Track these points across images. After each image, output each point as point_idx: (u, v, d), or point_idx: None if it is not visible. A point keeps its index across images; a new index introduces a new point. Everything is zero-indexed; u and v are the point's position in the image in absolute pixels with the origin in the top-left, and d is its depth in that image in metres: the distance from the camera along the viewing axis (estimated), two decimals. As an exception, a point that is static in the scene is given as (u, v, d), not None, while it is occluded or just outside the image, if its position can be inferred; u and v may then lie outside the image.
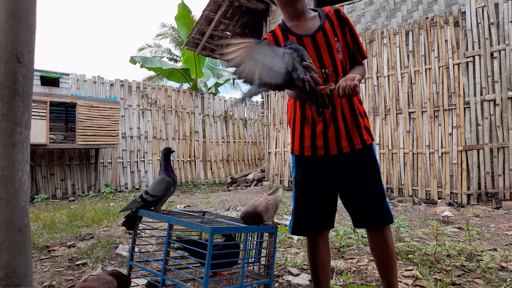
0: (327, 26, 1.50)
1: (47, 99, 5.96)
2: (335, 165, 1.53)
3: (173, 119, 8.83)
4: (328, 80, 1.48)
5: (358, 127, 1.52)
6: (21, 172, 1.75)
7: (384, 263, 1.57)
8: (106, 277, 1.53)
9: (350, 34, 1.54)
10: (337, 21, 1.52)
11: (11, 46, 1.74)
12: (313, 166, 1.56)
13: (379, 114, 6.27)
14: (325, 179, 1.56)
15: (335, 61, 1.49)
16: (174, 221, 1.61)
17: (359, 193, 1.52)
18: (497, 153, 5.02)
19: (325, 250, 1.63)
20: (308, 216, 1.58)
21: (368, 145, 1.54)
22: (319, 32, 1.49)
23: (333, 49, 1.49)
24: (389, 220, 1.52)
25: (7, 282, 1.67)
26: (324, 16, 1.52)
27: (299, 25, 1.52)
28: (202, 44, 8.71)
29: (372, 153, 1.55)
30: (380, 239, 1.54)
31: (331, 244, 2.91)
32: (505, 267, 2.40)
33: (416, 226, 3.79)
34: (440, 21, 5.59)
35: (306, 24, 1.52)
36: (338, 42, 1.50)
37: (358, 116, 1.53)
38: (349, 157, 1.52)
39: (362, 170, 1.52)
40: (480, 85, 5.20)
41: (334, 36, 1.50)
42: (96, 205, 5.47)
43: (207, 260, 1.40)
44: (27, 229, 1.78)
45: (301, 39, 1.49)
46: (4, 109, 1.73)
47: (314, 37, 1.49)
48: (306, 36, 1.50)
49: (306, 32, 1.50)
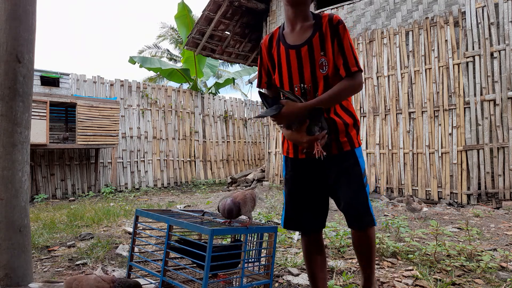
0: (315, 39, 1.48)
1: (47, 99, 5.96)
2: (318, 167, 1.57)
3: (173, 119, 8.83)
4: (306, 95, 1.51)
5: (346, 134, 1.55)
6: (21, 172, 1.75)
7: (365, 259, 1.64)
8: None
9: (338, 45, 1.47)
10: (329, 33, 1.47)
11: (11, 46, 1.74)
12: (299, 167, 1.62)
13: (379, 114, 6.27)
14: (310, 180, 1.60)
15: (315, 77, 1.49)
16: (173, 222, 1.61)
17: (342, 195, 1.55)
18: (497, 153, 5.02)
19: (318, 250, 1.68)
20: (296, 213, 1.64)
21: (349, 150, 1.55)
22: (305, 46, 1.49)
23: (315, 64, 1.48)
24: (370, 223, 1.54)
25: (7, 282, 1.67)
26: (318, 27, 1.49)
27: (292, 34, 1.53)
28: (202, 44, 8.71)
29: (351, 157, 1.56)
30: (362, 238, 1.59)
31: (331, 244, 2.91)
32: (505, 267, 2.40)
33: (416, 226, 3.79)
34: (440, 21, 5.59)
35: (298, 35, 1.51)
36: (324, 57, 1.48)
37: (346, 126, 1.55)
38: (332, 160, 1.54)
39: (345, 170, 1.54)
40: (480, 85, 5.20)
41: (321, 50, 1.48)
42: (96, 205, 5.47)
43: (206, 262, 1.39)
44: (27, 229, 1.78)
45: (287, 50, 1.52)
46: (4, 109, 1.73)
47: (299, 51, 1.49)
48: (292, 48, 1.51)
49: (294, 43, 1.51)
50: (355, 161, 1.56)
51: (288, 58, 1.51)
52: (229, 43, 9.04)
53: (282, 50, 1.53)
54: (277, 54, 1.56)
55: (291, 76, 1.53)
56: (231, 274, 1.75)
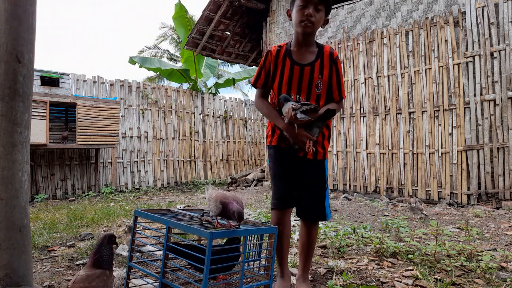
0: (316, 64, 1.85)
1: (47, 99, 5.95)
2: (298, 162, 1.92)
3: (173, 119, 8.83)
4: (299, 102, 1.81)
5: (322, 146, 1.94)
6: (21, 172, 1.75)
7: (306, 248, 1.98)
8: (95, 272, 1.44)
9: (336, 75, 1.90)
10: (328, 62, 1.87)
11: (11, 46, 1.74)
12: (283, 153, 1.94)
13: (379, 114, 6.27)
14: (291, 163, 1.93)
15: (310, 93, 1.87)
16: (172, 224, 1.60)
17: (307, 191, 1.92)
18: (497, 153, 5.02)
19: (289, 224, 2.00)
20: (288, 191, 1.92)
21: (320, 160, 1.94)
22: (308, 66, 1.85)
23: (313, 83, 1.86)
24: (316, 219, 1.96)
25: (7, 282, 1.67)
26: (320, 55, 1.87)
27: (298, 53, 1.87)
28: (202, 44, 8.71)
29: (324, 166, 1.97)
30: (307, 229, 1.97)
31: (331, 244, 2.91)
32: (505, 267, 2.40)
33: (416, 226, 3.79)
34: (440, 21, 5.59)
35: (304, 55, 1.87)
36: (321, 80, 1.86)
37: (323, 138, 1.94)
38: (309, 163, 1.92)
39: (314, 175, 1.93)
40: (480, 85, 5.20)
41: (319, 73, 1.86)
42: (96, 205, 5.47)
43: (206, 265, 1.39)
44: (27, 229, 1.78)
45: (293, 65, 1.86)
46: (4, 109, 1.73)
47: (303, 69, 1.85)
48: (297, 65, 1.86)
49: (299, 62, 1.86)
50: (323, 170, 1.96)
51: (292, 71, 1.85)
52: (229, 43, 9.04)
53: (288, 63, 1.86)
54: (281, 65, 1.87)
55: (291, 86, 1.87)
56: (231, 275, 1.74)
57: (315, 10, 1.78)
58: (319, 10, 1.79)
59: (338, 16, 6.96)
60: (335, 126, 6.90)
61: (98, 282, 1.40)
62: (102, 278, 1.42)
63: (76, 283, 1.39)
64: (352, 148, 6.63)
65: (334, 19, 7.02)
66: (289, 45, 1.89)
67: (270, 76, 1.90)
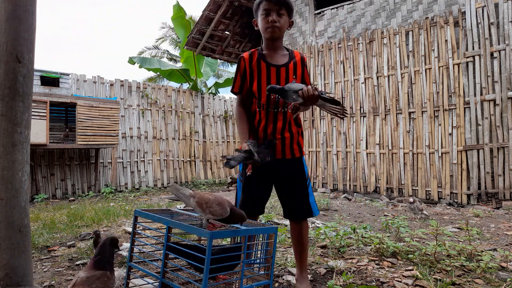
0: (290, 66, 1.97)
1: (47, 99, 5.95)
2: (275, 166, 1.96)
3: (173, 119, 8.83)
4: (278, 104, 1.94)
5: (297, 142, 2.02)
6: (21, 172, 1.75)
7: (300, 247, 2.02)
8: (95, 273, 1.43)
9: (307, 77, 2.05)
10: (300, 65, 2.00)
11: (11, 46, 1.74)
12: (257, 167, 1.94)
13: (379, 114, 6.27)
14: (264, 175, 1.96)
15: None
16: (173, 224, 1.60)
17: (289, 191, 1.98)
18: (497, 153, 5.02)
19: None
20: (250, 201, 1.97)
21: (298, 157, 2.02)
22: (283, 67, 1.96)
23: (289, 82, 1.93)
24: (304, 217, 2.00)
25: (7, 282, 1.67)
26: (292, 58, 2.00)
27: (271, 56, 1.98)
28: (202, 44, 8.71)
29: (302, 163, 2.05)
30: (297, 229, 2.02)
31: (331, 244, 2.92)
32: (505, 267, 2.40)
33: (416, 226, 3.79)
34: (440, 21, 5.59)
35: (277, 58, 1.98)
36: (295, 80, 1.97)
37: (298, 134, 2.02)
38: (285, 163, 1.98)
39: (294, 174, 1.99)
40: (480, 85, 5.20)
41: (293, 74, 1.97)
42: (96, 205, 5.47)
43: (205, 265, 1.39)
44: (27, 229, 1.78)
45: (269, 67, 1.95)
46: (4, 109, 1.73)
47: (279, 70, 1.95)
48: (273, 66, 1.95)
49: (275, 63, 1.96)
50: (302, 166, 2.03)
51: (269, 73, 1.94)
52: (229, 43, 9.04)
53: (263, 66, 1.95)
54: (257, 68, 1.96)
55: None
56: (231, 275, 1.74)
57: (278, 16, 1.90)
58: (282, 14, 1.91)
59: (338, 16, 6.96)
60: (335, 126, 6.90)
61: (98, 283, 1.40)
62: (102, 279, 1.42)
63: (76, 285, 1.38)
64: (352, 148, 6.63)
65: (334, 19, 7.02)
66: (261, 49, 2.01)
67: (247, 80, 1.98)
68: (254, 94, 1.98)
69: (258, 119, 1.97)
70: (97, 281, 1.41)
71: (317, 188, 7.13)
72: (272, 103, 1.93)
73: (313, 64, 7.27)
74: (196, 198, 1.49)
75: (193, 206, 1.49)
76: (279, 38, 1.99)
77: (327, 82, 7.03)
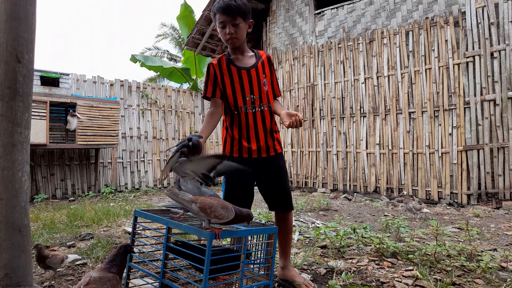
0: (259, 66, 2.06)
1: (47, 99, 5.95)
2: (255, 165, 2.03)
3: (173, 119, 8.83)
4: (254, 103, 2.03)
5: (273, 139, 2.10)
6: (21, 172, 1.75)
7: (288, 235, 2.17)
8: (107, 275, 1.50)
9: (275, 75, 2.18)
10: (267, 64, 2.11)
11: (11, 46, 1.74)
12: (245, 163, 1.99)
13: (379, 114, 6.27)
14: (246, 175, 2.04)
15: (261, 91, 2.05)
16: (172, 225, 1.60)
17: (274, 186, 2.11)
18: (497, 153, 5.02)
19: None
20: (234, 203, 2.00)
21: (280, 152, 2.14)
22: (253, 68, 2.04)
23: (261, 82, 2.05)
24: (291, 207, 2.18)
25: (7, 282, 1.67)
26: (259, 58, 2.09)
27: (239, 59, 2.06)
28: (202, 44, 8.70)
29: (282, 158, 2.18)
30: (285, 219, 2.16)
31: (331, 244, 2.91)
32: (505, 267, 2.40)
33: (416, 226, 3.79)
34: (440, 21, 5.59)
35: (244, 60, 2.06)
36: (265, 78, 2.08)
37: (274, 132, 2.12)
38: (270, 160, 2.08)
39: (281, 167, 2.13)
40: (480, 85, 5.20)
41: (263, 73, 2.07)
42: (96, 205, 5.47)
43: (205, 265, 1.39)
44: (27, 229, 1.78)
45: (240, 70, 2.02)
46: (4, 109, 1.73)
47: (249, 71, 2.03)
48: (243, 69, 2.03)
49: (245, 66, 2.04)
50: (284, 161, 2.18)
51: (240, 76, 2.02)
52: (229, 43, 9.03)
53: (234, 69, 2.02)
54: (228, 72, 2.02)
55: (244, 89, 2.02)
56: (231, 276, 1.74)
57: (233, 26, 1.94)
58: (237, 24, 1.94)
59: (338, 16, 6.96)
60: (335, 126, 6.90)
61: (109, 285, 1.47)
62: (113, 282, 1.49)
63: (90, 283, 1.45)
64: (352, 148, 6.63)
65: (334, 19, 7.02)
66: (228, 54, 2.08)
67: (219, 85, 2.03)
68: (228, 98, 2.02)
69: (238, 120, 2.02)
70: (109, 282, 1.48)
71: (317, 188, 7.13)
72: (249, 103, 2.01)
73: (313, 64, 7.27)
74: (198, 203, 1.47)
75: (196, 212, 1.48)
76: (242, 44, 2.06)
77: (327, 82, 7.03)
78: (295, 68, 7.61)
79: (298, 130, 7.49)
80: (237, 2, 1.90)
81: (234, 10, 1.89)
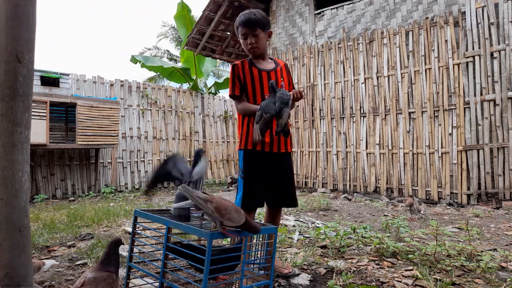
0: (278, 70, 2.29)
1: (47, 99, 5.95)
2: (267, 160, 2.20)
3: (173, 119, 8.83)
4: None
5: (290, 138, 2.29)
6: (21, 172, 1.75)
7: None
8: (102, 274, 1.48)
9: (292, 80, 2.41)
10: (285, 70, 2.35)
11: (11, 46, 1.74)
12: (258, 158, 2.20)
13: (379, 114, 6.27)
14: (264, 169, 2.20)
15: None
16: (172, 225, 1.60)
17: (283, 183, 2.24)
18: (497, 153, 5.02)
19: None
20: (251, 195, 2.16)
21: (290, 152, 2.33)
22: (273, 71, 2.27)
23: (279, 84, 2.24)
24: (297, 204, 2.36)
25: (7, 282, 1.67)
26: (277, 64, 2.33)
27: (260, 63, 2.28)
28: (202, 44, 8.70)
29: (291, 158, 2.37)
30: (279, 214, 2.36)
31: (331, 244, 2.91)
32: (505, 267, 2.40)
33: (416, 226, 3.79)
34: (440, 21, 5.59)
35: (265, 64, 2.29)
36: (283, 81, 2.29)
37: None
38: (281, 156, 2.25)
39: (289, 166, 2.31)
40: (480, 85, 5.20)
41: (281, 77, 2.29)
42: (96, 205, 5.47)
43: (205, 265, 1.39)
44: (27, 229, 1.78)
45: (260, 72, 2.24)
46: (4, 109, 1.73)
47: (269, 74, 2.25)
48: (264, 71, 2.24)
49: (265, 68, 2.26)
50: (292, 161, 2.38)
51: (261, 77, 2.23)
52: (229, 43, 9.03)
53: (255, 71, 2.23)
54: (250, 74, 2.23)
55: (263, 89, 2.22)
56: (231, 275, 1.74)
57: (254, 37, 2.18)
58: (257, 34, 2.18)
59: (338, 16, 6.96)
60: (335, 126, 6.91)
61: (104, 285, 1.45)
62: (108, 281, 1.48)
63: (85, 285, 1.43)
64: (352, 148, 6.63)
65: (334, 19, 7.02)
66: (249, 60, 2.29)
67: (243, 84, 2.22)
68: (249, 96, 2.22)
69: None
70: (103, 282, 1.46)
71: (317, 188, 7.13)
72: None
73: (313, 64, 7.27)
74: (214, 204, 1.47)
75: (210, 211, 1.48)
76: (262, 53, 2.28)
77: (327, 82, 7.03)
78: (295, 68, 7.61)
79: (298, 130, 7.49)
80: (256, 15, 2.16)
81: (254, 23, 2.15)
